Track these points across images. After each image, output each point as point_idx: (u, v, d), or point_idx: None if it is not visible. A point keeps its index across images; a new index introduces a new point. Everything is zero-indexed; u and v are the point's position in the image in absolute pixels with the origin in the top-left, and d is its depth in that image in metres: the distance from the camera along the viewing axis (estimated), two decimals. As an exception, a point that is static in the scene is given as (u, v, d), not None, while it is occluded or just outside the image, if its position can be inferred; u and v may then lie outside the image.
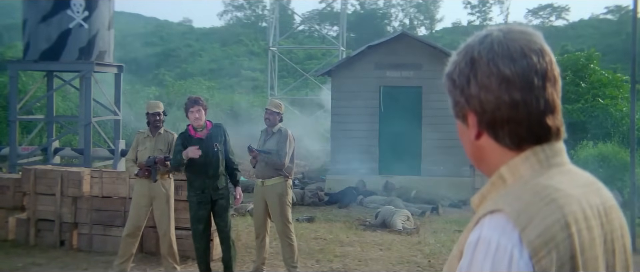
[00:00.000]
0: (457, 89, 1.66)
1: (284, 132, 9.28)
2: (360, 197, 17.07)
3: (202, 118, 8.73)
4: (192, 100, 8.78)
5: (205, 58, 59.93)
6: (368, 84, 19.18)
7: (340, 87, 19.56)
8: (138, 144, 9.37)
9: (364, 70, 19.32)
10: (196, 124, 8.70)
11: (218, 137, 8.78)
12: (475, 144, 1.68)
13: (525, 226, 1.50)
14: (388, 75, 19.22)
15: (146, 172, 9.11)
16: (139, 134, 9.45)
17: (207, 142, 8.68)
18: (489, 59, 1.60)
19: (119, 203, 10.70)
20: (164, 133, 9.36)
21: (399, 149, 19.02)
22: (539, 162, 1.62)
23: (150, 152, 9.21)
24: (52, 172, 11.09)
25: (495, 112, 1.61)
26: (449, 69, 1.69)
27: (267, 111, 9.37)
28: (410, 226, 13.62)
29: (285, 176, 9.22)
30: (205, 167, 8.65)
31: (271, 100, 9.57)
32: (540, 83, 1.60)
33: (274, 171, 9.16)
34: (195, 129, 8.72)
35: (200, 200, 8.70)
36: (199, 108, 8.71)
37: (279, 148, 9.15)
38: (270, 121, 9.30)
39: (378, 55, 19.32)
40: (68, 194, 10.88)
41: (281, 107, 9.45)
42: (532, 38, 1.63)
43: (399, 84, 19.12)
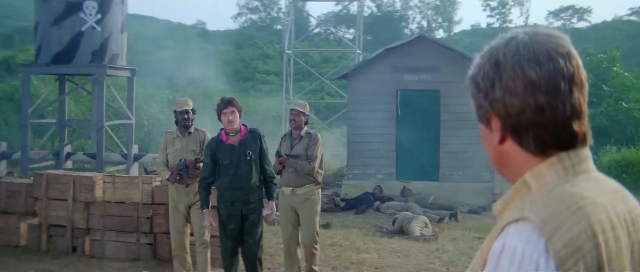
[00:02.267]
0: (480, 92, 1.65)
1: (313, 135, 8.87)
2: (377, 203, 17.04)
3: (236, 121, 8.03)
4: (225, 101, 8.05)
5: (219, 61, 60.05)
6: (385, 88, 19.15)
7: (357, 90, 19.54)
8: (167, 145, 8.98)
9: (381, 73, 19.30)
10: (229, 127, 8.00)
11: (252, 144, 8.06)
12: (499, 149, 1.66)
13: (552, 235, 1.48)
14: (405, 79, 19.18)
15: (178, 177, 8.66)
16: (167, 134, 9.10)
17: (240, 150, 8.01)
18: (514, 62, 1.59)
19: (132, 209, 10.71)
20: (195, 132, 8.96)
21: (417, 153, 18.97)
22: (564, 169, 1.60)
23: (181, 153, 8.80)
24: (64, 177, 11.12)
25: (520, 117, 1.60)
26: (473, 72, 1.68)
27: (292, 112, 8.93)
28: (428, 233, 13.57)
29: (317, 182, 8.80)
30: (235, 178, 7.99)
31: (296, 100, 9.31)
32: (567, 87, 1.58)
33: (305, 177, 8.72)
34: (228, 133, 8.04)
35: (229, 213, 8.05)
36: (232, 109, 7.99)
37: (309, 152, 8.71)
38: (296, 123, 8.84)
39: (395, 58, 19.29)
40: (80, 200, 10.90)
41: (307, 108, 9.02)
42: (559, 41, 1.62)
43: (417, 88, 19.08)
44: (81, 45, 18.71)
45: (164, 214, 10.36)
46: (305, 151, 8.73)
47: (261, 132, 8.25)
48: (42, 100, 21.83)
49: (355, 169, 19.45)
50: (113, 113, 24.55)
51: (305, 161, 8.67)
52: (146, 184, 10.60)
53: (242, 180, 7.99)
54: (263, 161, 8.13)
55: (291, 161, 8.65)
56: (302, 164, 8.65)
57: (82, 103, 30.10)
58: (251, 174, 8.03)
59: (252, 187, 8.04)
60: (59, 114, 21.12)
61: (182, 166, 8.63)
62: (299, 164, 8.64)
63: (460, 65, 17.35)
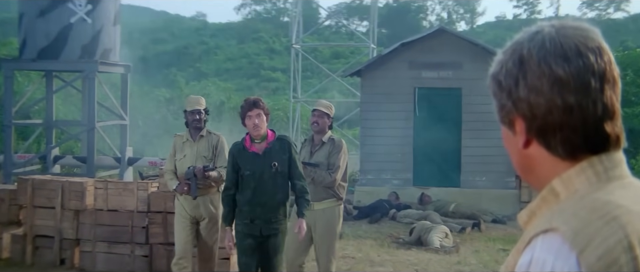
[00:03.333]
0: (503, 91, 1.65)
1: (337, 142, 8.38)
2: (392, 211, 17.02)
3: (262, 126, 7.47)
4: (250, 103, 7.50)
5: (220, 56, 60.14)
6: (401, 86, 19.13)
7: (371, 88, 19.52)
8: (176, 151, 8.69)
9: (397, 70, 19.27)
10: (255, 133, 7.46)
11: (280, 154, 7.49)
12: (523, 153, 1.66)
13: (584, 248, 1.47)
14: (424, 76, 19.15)
15: (185, 187, 8.33)
16: (176, 138, 8.80)
17: (264, 159, 7.48)
18: (540, 58, 1.59)
19: (126, 217, 10.72)
20: (208, 135, 8.69)
21: (436, 157, 18.94)
22: (596, 175, 1.60)
23: (191, 160, 8.51)
24: (52, 183, 11.14)
25: (546, 118, 1.59)
26: (495, 69, 1.68)
27: (315, 113, 8.46)
28: (448, 244, 13.56)
29: (339, 197, 8.33)
30: (257, 192, 7.46)
31: (319, 100, 8.79)
32: (598, 85, 1.58)
33: (325, 190, 8.24)
34: (253, 139, 7.51)
35: (247, 232, 7.53)
36: (259, 112, 7.46)
37: (331, 161, 8.25)
38: (319, 126, 8.36)
39: (413, 53, 19.26)
40: (69, 207, 10.92)
41: (332, 109, 8.54)
42: (589, 34, 1.61)
43: (436, 86, 19.04)
44: (70, 38, 18.76)
45: (161, 223, 10.39)
46: (326, 159, 8.28)
47: (291, 140, 7.73)
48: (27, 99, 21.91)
49: (369, 174, 19.43)
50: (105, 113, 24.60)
51: (325, 171, 8.22)
52: (141, 190, 10.62)
53: (264, 195, 7.44)
54: (294, 173, 7.55)
55: (309, 170, 8.15)
56: (322, 174, 8.19)
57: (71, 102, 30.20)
58: (276, 189, 7.47)
59: (276, 204, 7.48)
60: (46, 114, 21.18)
61: (190, 175, 8.28)
62: (318, 174, 8.18)
63: (484, 60, 17.29)
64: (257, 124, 7.44)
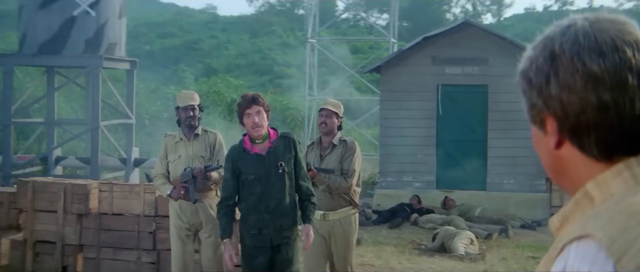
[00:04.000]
0: (533, 89, 1.64)
1: (350, 144, 8.12)
2: (414, 216, 17.01)
3: (263, 124, 7.07)
4: (248, 99, 7.11)
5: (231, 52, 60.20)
6: (424, 83, 19.11)
7: (391, 86, 19.51)
8: (168, 153, 8.43)
9: (418, 66, 19.26)
10: (256, 133, 7.06)
11: (285, 153, 7.13)
12: (555, 155, 1.65)
13: (621, 256, 1.46)
14: (448, 72, 19.13)
15: (182, 191, 8.02)
16: (167, 138, 8.56)
17: (268, 160, 7.08)
18: (573, 54, 1.58)
19: (132, 222, 10.73)
20: (203, 134, 8.44)
21: (461, 159, 18.91)
22: (633, 177, 1.59)
23: (186, 161, 8.23)
24: (54, 185, 11.16)
25: (579, 117, 1.58)
26: (524, 65, 1.67)
27: (322, 113, 8.19)
28: (474, 251, 13.53)
29: (355, 204, 8.12)
30: (264, 197, 7.05)
31: (327, 99, 8.52)
32: (636, 82, 1.56)
33: (341, 198, 7.98)
34: (253, 140, 7.11)
35: (256, 244, 7.10)
36: (258, 109, 7.04)
37: (345, 166, 7.97)
38: (327, 126, 8.08)
39: (436, 48, 19.24)
40: (72, 211, 10.94)
41: (341, 108, 8.29)
42: (626, 28, 1.60)
43: (461, 82, 19.02)
44: (73, 32, 18.83)
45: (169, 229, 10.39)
46: (339, 164, 7.99)
47: (296, 137, 7.36)
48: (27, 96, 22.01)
49: (389, 176, 19.42)
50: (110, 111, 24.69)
51: (340, 176, 7.93)
52: (148, 193, 10.62)
53: (272, 200, 7.02)
54: (299, 174, 7.19)
55: (323, 177, 7.86)
56: (337, 180, 7.89)
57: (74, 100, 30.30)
58: (284, 192, 7.07)
59: (285, 209, 7.08)
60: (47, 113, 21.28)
61: (188, 177, 7.98)
62: (333, 181, 7.87)
63: (512, 55, 17.22)
64: (257, 122, 7.02)
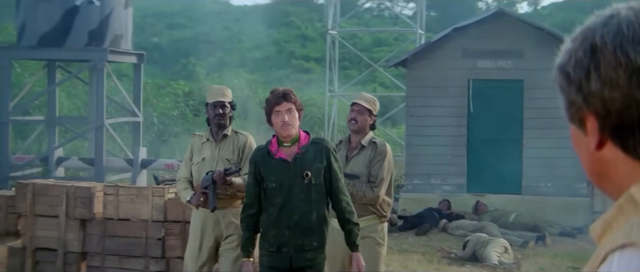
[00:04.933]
0: (572, 85, 1.63)
1: (380, 147, 7.64)
2: (443, 222, 16.99)
3: (294, 124, 6.63)
4: (278, 95, 6.67)
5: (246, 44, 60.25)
6: (454, 77, 19.08)
7: (418, 81, 19.50)
8: (193, 154, 8.08)
9: (448, 59, 19.23)
10: (285, 132, 6.61)
11: (314, 162, 6.64)
12: (596, 156, 1.65)
13: (669, 266, 1.46)
14: (480, 66, 19.09)
15: (202, 197, 7.60)
16: (194, 138, 8.22)
17: (294, 168, 6.61)
18: (615, 46, 1.57)
19: (139, 228, 10.74)
20: (233, 135, 8.03)
21: (494, 160, 18.87)
22: (682, 181, 1.58)
23: (211, 164, 7.84)
24: (55, 188, 11.19)
25: (623, 115, 1.57)
26: (562, 59, 1.67)
27: (353, 108, 7.76)
28: (508, 260, 13.50)
29: (382, 214, 7.68)
30: (285, 210, 6.59)
31: (361, 93, 8.06)
32: (685, 76, 1.56)
33: (365, 207, 7.50)
34: (281, 142, 6.69)
35: (273, 264, 6.71)
36: (289, 107, 6.62)
37: (373, 171, 7.53)
38: (358, 124, 7.66)
39: (467, 40, 19.20)
40: (75, 216, 10.96)
41: (376, 104, 7.85)
42: (674, 18, 1.60)
43: (494, 77, 18.97)
44: (75, 23, 18.88)
45: (179, 235, 10.40)
46: (366, 168, 7.58)
47: (331, 145, 6.90)
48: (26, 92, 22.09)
49: (416, 178, 19.40)
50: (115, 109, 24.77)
51: (366, 184, 7.52)
52: (157, 196, 10.63)
53: (294, 213, 6.56)
54: (335, 187, 6.67)
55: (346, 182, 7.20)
56: (362, 188, 7.46)
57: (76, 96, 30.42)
58: (310, 206, 6.58)
59: (310, 226, 6.59)
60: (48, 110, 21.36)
61: (208, 182, 7.52)
62: (357, 189, 7.42)
63: (549, 48, 17.13)
64: (286, 121, 6.57)
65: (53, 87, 20.84)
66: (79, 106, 29.64)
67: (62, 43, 18.83)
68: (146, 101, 24.72)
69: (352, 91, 34.39)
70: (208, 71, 46.55)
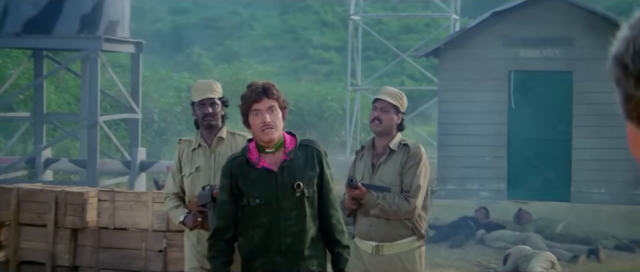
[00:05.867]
0: (630, 77, 1.63)
1: (413, 150, 7.09)
2: (480, 232, 16.96)
3: (277, 125, 5.99)
4: (257, 90, 6.04)
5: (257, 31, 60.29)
6: (493, 69, 19.06)
7: (452, 73, 19.50)
8: (182, 164, 7.55)
9: (486, 48, 19.21)
10: (266, 137, 5.97)
11: (306, 169, 6.09)
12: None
13: None
14: (522, 56, 19.06)
15: (198, 217, 7.07)
16: (181, 145, 7.67)
17: (282, 179, 6.02)
18: (679, 34, 1.57)
19: (137, 238, 10.76)
20: (229, 138, 7.56)
21: (538, 162, 18.84)
22: None
23: (206, 176, 7.36)
24: (43, 194, 11.22)
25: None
26: (619, 48, 1.66)
27: (376, 105, 7.21)
28: (555, 276, 13.48)
29: (420, 234, 7.14)
30: (275, 231, 6.02)
31: (384, 87, 7.51)
32: None
33: (400, 225, 7.04)
34: (262, 148, 6.09)
35: None
36: (271, 104, 5.99)
37: (406, 180, 6.99)
38: (381, 125, 7.13)
39: (507, 26, 19.17)
40: (65, 225, 10.99)
41: (403, 100, 7.29)
42: None
43: (539, 68, 18.95)
44: (65, 8, 18.92)
45: (182, 246, 10.39)
46: (398, 177, 7.05)
47: (321, 147, 6.32)
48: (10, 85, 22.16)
49: (450, 183, 19.39)
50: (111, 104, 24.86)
51: (399, 195, 6.98)
52: (158, 203, 10.62)
53: (286, 235, 6.02)
54: (326, 199, 6.15)
55: (374, 197, 6.91)
56: (395, 201, 6.91)
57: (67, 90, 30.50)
58: (304, 224, 6.04)
59: (307, 247, 6.08)
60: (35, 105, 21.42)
61: (206, 198, 7.03)
62: (389, 203, 6.89)
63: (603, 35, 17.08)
64: (268, 123, 5.93)
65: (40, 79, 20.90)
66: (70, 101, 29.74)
67: (50, 30, 18.87)
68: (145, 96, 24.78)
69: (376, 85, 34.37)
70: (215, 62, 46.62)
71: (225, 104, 7.61)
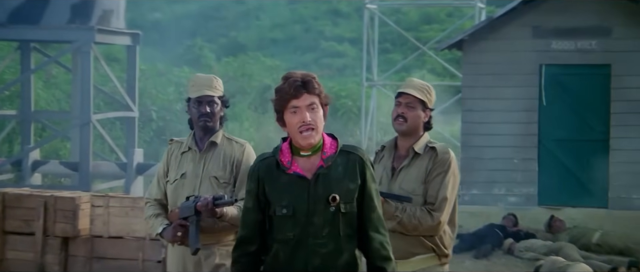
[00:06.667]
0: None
1: (441, 155, 6.60)
2: (508, 242, 16.93)
3: (318, 126, 5.38)
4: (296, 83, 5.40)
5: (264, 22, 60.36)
6: (522, 62, 19.03)
7: (477, 67, 19.47)
8: (169, 168, 7.15)
9: (515, 39, 19.18)
10: (305, 140, 5.35)
11: (344, 180, 5.42)
12: None
13: None
14: (554, 48, 19.01)
15: (179, 232, 6.67)
16: (171, 147, 7.24)
17: (315, 189, 5.39)
18: None
19: (133, 248, 10.75)
20: (225, 143, 7.10)
21: (572, 164, 18.80)
22: None
23: (192, 185, 6.96)
24: (31, 199, 11.20)
25: None
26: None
27: (400, 101, 6.68)
28: (591, 290, 13.45)
29: (444, 252, 6.65)
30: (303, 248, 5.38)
31: (410, 79, 6.92)
32: None
33: (415, 241, 6.56)
34: (297, 150, 5.47)
35: None
36: (312, 101, 5.38)
37: (431, 190, 6.51)
38: (407, 123, 6.63)
39: (538, 15, 19.13)
40: (55, 234, 10.98)
41: (431, 93, 6.78)
42: None
43: (573, 61, 18.89)
44: (55, -4, 18.93)
45: (182, 257, 10.40)
46: (421, 186, 6.59)
47: (366, 156, 5.60)
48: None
49: (475, 187, 19.35)
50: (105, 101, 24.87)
51: (421, 207, 6.50)
52: (165, 243, 10.63)
53: (315, 255, 5.39)
54: (368, 218, 5.49)
55: (391, 207, 6.43)
56: (416, 213, 6.46)
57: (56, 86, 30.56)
58: (337, 244, 5.40)
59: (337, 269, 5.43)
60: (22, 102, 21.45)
61: (189, 211, 6.65)
62: (408, 213, 6.45)
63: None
64: (308, 121, 5.35)
65: (27, 74, 20.91)
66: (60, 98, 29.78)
67: (38, 20, 18.89)
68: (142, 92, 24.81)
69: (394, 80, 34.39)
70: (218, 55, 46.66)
71: (225, 105, 7.14)
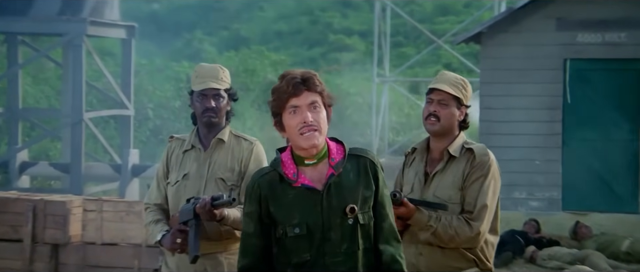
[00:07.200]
0: None
1: (480, 156, 6.24)
2: (530, 249, 16.88)
3: (321, 127, 5.04)
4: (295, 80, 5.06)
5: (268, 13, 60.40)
6: (545, 56, 18.99)
7: (497, 61, 19.44)
8: (170, 169, 6.86)
9: (537, 32, 19.14)
10: (307, 142, 5.00)
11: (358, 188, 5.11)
12: None
13: None
14: (580, 41, 18.97)
15: (178, 239, 6.39)
16: (172, 145, 6.95)
17: (329, 201, 5.05)
18: None
19: (129, 255, 10.73)
20: (232, 140, 6.79)
21: (599, 167, 18.75)
22: None
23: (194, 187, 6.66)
24: (18, 203, 11.18)
25: None
26: None
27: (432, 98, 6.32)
28: (620, 302, 13.40)
29: (486, 267, 6.34)
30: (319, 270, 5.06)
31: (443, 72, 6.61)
32: None
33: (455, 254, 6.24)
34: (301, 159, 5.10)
35: None
36: (313, 100, 5.04)
37: (469, 197, 6.20)
38: (440, 123, 6.28)
39: (562, 6, 19.10)
40: (44, 240, 10.97)
41: (467, 89, 6.40)
42: None
43: (600, 56, 18.85)
44: (45, -14, 18.90)
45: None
46: (458, 192, 6.25)
47: (376, 158, 5.31)
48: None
49: (495, 191, 19.31)
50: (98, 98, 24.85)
51: (458, 216, 6.18)
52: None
53: None
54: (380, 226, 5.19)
55: (424, 216, 6.14)
56: (453, 223, 6.13)
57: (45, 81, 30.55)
58: (356, 263, 5.09)
59: None
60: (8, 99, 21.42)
61: (188, 214, 6.38)
62: (442, 224, 6.13)
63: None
64: (310, 122, 5.00)
65: (14, 69, 20.90)
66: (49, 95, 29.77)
67: (27, 11, 18.85)
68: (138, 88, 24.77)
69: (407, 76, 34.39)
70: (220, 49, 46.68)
71: (233, 98, 6.80)
